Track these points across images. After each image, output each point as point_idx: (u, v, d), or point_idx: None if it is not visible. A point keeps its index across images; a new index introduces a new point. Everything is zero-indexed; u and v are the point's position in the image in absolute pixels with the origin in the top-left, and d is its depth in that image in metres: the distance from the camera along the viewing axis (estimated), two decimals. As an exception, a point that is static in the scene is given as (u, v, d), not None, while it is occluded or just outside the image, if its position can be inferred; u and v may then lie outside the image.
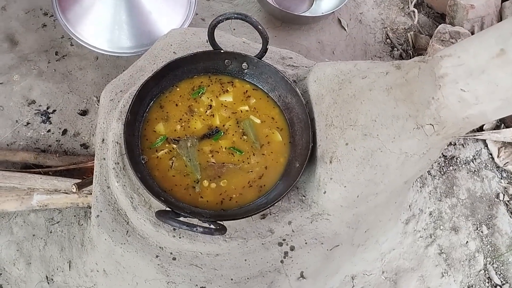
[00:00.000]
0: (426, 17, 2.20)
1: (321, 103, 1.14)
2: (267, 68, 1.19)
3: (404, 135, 0.93)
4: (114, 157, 1.13)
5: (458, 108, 0.83)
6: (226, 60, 1.22)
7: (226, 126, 1.17)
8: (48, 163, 1.53)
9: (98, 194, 1.15)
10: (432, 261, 1.66)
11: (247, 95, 1.22)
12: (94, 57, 1.78)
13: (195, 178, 1.09)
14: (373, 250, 1.55)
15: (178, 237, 1.06)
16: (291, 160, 1.14)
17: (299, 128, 1.16)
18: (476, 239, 1.72)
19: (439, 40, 1.79)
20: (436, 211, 1.72)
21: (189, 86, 1.21)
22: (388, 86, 0.95)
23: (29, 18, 1.83)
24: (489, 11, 1.88)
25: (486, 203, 1.79)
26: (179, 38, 1.33)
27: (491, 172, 1.84)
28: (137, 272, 1.13)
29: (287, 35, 1.97)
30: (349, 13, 2.11)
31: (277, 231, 1.10)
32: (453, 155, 1.84)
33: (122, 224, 1.12)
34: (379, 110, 0.96)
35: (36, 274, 1.44)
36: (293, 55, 1.38)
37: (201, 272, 1.09)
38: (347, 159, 1.02)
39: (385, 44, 2.11)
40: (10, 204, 1.44)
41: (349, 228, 1.18)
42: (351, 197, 1.06)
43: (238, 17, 1.09)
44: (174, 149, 1.12)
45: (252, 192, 1.10)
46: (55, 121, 1.65)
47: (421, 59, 0.91)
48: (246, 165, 1.12)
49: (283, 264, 1.11)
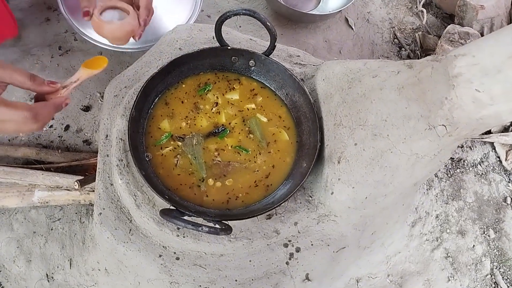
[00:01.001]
0: (435, 17, 2.18)
1: (329, 102, 1.11)
2: (274, 65, 1.17)
3: (415, 136, 0.90)
4: (118, 154, 1.11)
5: (472, 108, 0.80)
6: (233, 57, 1.20)
7: (232, 124, 1.15)
8: (50, 159, 1.51)
9: (101, 191, 1.13)
10: (438, 265, 1.64)
11: (254, 93, 1.20)
12: (98, 52, 1.75)
13: (200, 176, 1.07)
14: (379, 253, 1.53)
15: (182, 236, 1.04)
16: (298, 159, 1.12)
17: (307, 127, 1.14)
18: (483, 243, 1.70)
19: (448, 40, 1.77)
20: (442, 214, 1.70)
21: (195, 83, 1.19)
22: (400, 86, 0.92)
23: (32, 12, 1.81)
24: (499, 12, 1.85)
25: (494, 207, 1.76)
26: (185, 34, 1.31)
27: (498, 176, 1.82)
28: (140, 271, 1.11)
29: (293, 33, 1.95)
30: (356, 12, 2.09)
31: (283, 232, 1.08)
32: (461, 157, 1.81)
33: (125, 222, 1.10)
34: (390, 109, 0.94)
35: (36, 271, 1.42)
36: (300, 53, 1.36)
37: (205, 273, 1.07)
38: (356, 159, 1.00)
39: (392, 44, 2.09)
40: (11, 200, 1.42)
41: (356, 230, 1.16)
42: (359, 199, 1.04)
43: (246, 13, 1.07)
44: (179, 146, 1.10)
45: (258, 191, 1.07)
46: (57, 117, 1.63)
47: (434, 58, 0.89)
48: (252, 164, 1.10)
49: (289, 266, 1.09)
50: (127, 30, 1.26)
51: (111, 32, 1.27)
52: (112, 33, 1.27)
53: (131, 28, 1.27)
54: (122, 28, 1.26)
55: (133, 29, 1.28)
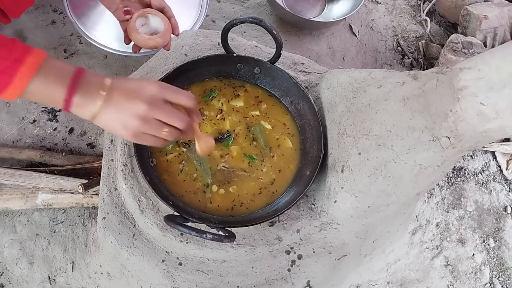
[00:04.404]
0: (438, 26, 2.19)
1: (334, 110, 1.12)
2: (279, 73, 1.18)
3: (419, 147, 0.91)
4: (123, 159, 1.11)
5: (477, 121, 0.81)
6: (239, 64, 1.20)
7: (236, 131, 1.15)
8: (54, 162, 1.51)
9: (105, 195, 1.14)
10: (438, 273, 1.64)
11: (259, 100, 1.21)
12: (103, 56, 1.76)
13: (205, 182, 1.07)
14: (379, 260, 1.53)
15: (185, 242, 1.05)
16: (302, 167, 1.12)
17: (311, 135, 1.14)
18: (482, 251, 1.71)
19: (451, 49, 1.78)
20: (443, 222, 1.70)
21: (200, 89, 1.20)
22: (405, 97, 0.93)
23: (38, 14, 1.82)
24: (502, 22, 1.86)
25: (494, 216, 1.77)
26: (191, 40, 1.32)
27: (499, 185, 1.83)
28: (142, 276, 1.12)
29: (297, 39, 1.95)
30: (360, 20, 2.10)
31: (285, 239, 1.09)
32: (462, 166, 1.82)
33: (129, 227, 1.11)
34: (394, 120, 0.94)
35: (39, 274, 1.42)
36: (305, 61, 1.37)
37: (207, 278, 1.07)
38: (360, 169, 1.01)
39: (395, 52, 2.09)
40: (15, 202, 1.43)
41: (358, 238, 1.16)
42: (362, 208, 1.05)
43: (253, 21, 1.07)
44: (183, 152, 1.10)
45: (261, 198, 1.08)
46: (61, 120, 1.64)
47: (439, 70, 0.89)
48: (256, 171, 1.11)
49: (290, 273, 1.10)
50: (159, 44, 1.18)
51: (144, 43, 1.18)
52: (145, 44, 1.18)
53: (163, 42, 1.19)
54: (157, 43, 1.17)
55: (164, 43, 1.21)
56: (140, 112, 0.82)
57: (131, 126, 0.83)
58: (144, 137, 0.86)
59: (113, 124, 0.84)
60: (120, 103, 0.82)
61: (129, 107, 0.82)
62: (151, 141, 0.87)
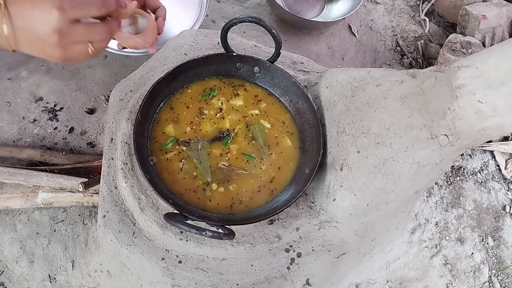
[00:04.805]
0: (437, 26, 2.19)
1: (333, 109, 1.13)
2: (279, 72, 1.19)
3: (417, 145, 0.92)
4: (123, 157, 1.12)
5: (475, 119, 0.81)
6: (238, 63, 1.21)
7: (236, 130, 1.16)
8: (54, 161, 1.52)
9: (105, 194, 1.14)
10: (437, 272, 1.65)
11: (258, 99, 1.21)
12: (103, 56, 1.77)
13: (205, 180, 1.08)
14: (378, 259, 1.54)
15: (185, 240, 1.05)
16: (301, 165, 1.13)
17: (310, 134, 1.15)
18: (481, 250, 1.71)
19: (450, 49, 1.78)
20: (442, 221, 1.71)
21: (200, 88, 1.20)
22: (403, 95, 0.93)
23: (39, 14, 1.82)
24: (500, 22, 1.87)
25: (493, 215, 1.77)
26: (191, 40, 1.33)
27: (498, 184, 1.83)
28: (142, 274, 1.12)
29: (297, 39, 1.96)
30: (359, 20, 2.10)
31: (285, 237, 1.09)
32: (461, 165, 1.83)
33: (129, 225, 1.11)
34: (393, 118, 0.95)
35: (39, 272, 1.43)
36: (304, 60, 1.37)
37: (207, 276, 1.08)
38: (359, 167, 1.02)
39: (395, 51, 2.10)
40: (15, 201, 1.43)
41: (357, 236, 1.17)
42: (361, 206, 1.05)
43: (252, 20, 1.08)
44: (183, 151, 1.11)
45: (261, 197, 1.09)
46: (62, 119, 1.64)
47: (437, 68, 0.90)
48: (255, 170, 1.11)
49: (290, 271, 1.10)
50: (139, 44, 1.19)
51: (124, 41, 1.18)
52: (124, 42, 1.18)
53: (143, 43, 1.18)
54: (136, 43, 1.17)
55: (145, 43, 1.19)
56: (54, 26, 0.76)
57: (53, 41, 0.77)
58: (73, 50, 0.81)
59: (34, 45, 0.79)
60: (27, 18, 0.76)
61: (40, 23, 0.76)
62: (83, 54, 0.83)
